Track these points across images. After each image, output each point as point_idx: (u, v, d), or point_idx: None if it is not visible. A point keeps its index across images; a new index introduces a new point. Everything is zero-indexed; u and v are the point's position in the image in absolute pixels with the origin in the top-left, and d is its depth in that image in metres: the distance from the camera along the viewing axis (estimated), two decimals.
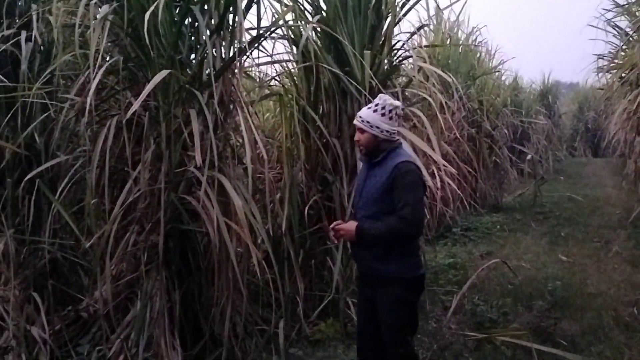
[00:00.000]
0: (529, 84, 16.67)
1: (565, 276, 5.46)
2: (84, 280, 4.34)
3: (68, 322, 3.81)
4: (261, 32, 3.93)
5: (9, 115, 3.87)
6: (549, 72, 21.83)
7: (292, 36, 4.43)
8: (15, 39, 3.95)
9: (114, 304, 3.50)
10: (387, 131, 2.79)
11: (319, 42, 4.40)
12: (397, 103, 2.85)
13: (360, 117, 2.84)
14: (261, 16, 3.86)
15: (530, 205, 9.96)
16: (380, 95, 2.90)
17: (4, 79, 3.76)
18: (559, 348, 3.71)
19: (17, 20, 4.18)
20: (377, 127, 2.78)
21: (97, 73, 3.04)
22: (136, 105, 2.94)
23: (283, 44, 4.84)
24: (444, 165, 4.31)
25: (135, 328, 3.41)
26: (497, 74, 11.24)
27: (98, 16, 3.19)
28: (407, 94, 4.96)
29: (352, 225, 2.79)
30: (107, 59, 3.56)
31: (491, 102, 9.97)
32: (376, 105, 2.83)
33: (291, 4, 4.22)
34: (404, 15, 4.72)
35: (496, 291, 5.00)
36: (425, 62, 4.70)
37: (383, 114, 2.79)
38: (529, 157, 11.93)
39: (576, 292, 4.97)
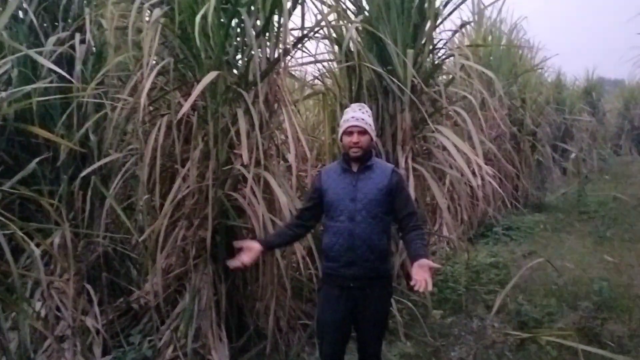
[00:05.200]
0: (572, 81, 16.22)
1: (612, 277, 5.33)
2: (134, 273, 4.51)
3: (120, 313, 3.97)
4: (305, 32, 4.00)
5: (65, 115, 4.06)
6: (593, 69, 21.09)
7: (335, 36, 4.49)
8: (70, 42, 4.13)
9: (164, 296, 3.63)
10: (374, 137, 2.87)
11: (361, 42, 4.44)
12: None
13: (362, 118, 2.78)
14: (305, 17, 3.94)
15: (574, 204, 9.72)
16: (360, 104, 2.94)
17: (60, 80, 3.94)
18: (606, 349, 3.64)
19: (72, 23, 4.38)
20: (374, 131, 2.85)
21: (149, 74, 3.15)
22: (187, 106, 3.03)
23: (325, 43, 4.90)
24: (484, 164, 4.28)
25: (184, 320, 3.53)
26: (539, 71, 11.03)
27: (150, 19, 3.31)
28: (448, 92, 4.94)
29: (427, 263, 2.56)
30: (157, 60, 3.68)
31: (534, 99, 9.80)
32: (366, 110, 2.85)
33: (334, 4, 4.27)
34: (448, 15, 4.72)
35: (540, 291, 4.94)
36: (467, 60, 4.68)
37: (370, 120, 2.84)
38: (572, 155, 11.63)
39: (623, 293, 4.86)
